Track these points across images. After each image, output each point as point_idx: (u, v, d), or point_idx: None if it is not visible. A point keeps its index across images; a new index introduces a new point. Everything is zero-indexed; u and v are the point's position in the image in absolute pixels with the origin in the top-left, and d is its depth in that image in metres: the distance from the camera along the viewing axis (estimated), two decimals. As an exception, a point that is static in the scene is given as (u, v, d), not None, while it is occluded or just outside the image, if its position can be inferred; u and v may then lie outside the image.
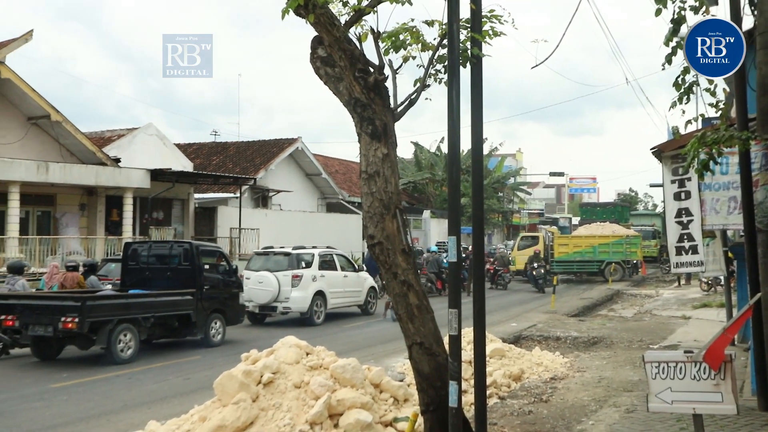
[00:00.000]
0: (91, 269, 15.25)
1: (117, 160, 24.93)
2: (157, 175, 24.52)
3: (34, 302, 12.90)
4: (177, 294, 14.13)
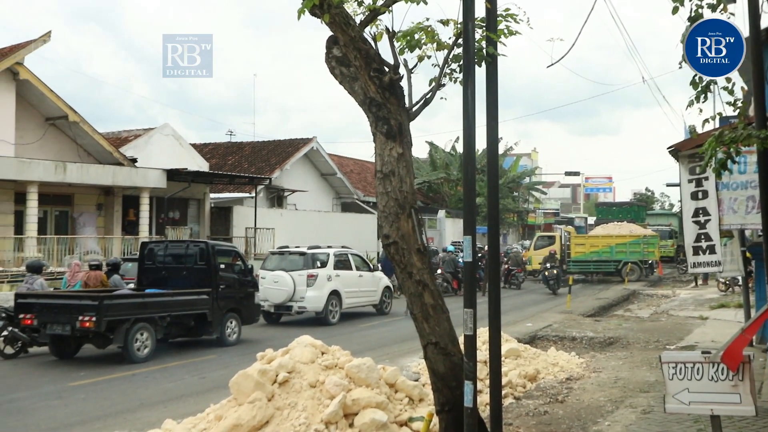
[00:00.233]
0: (114, 268, 15.35)
1: (134, 160, 25.11)
2: (173, 175, 24.66)
3: (52, 301, 13.01)
4: (193, 293, 14.20)
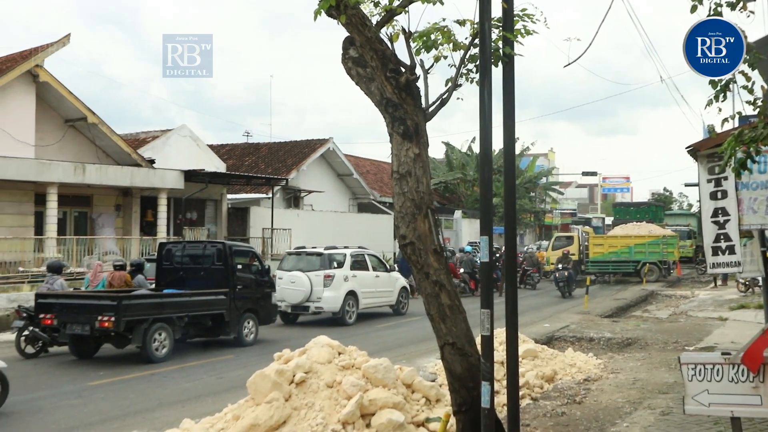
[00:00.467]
0: (138, 268, 15.49)
1: (151, 162, 25.29)
2: (190, 176, 24.81)
3: (72, 301, 13.13)
4: (210, 294, 14.27)
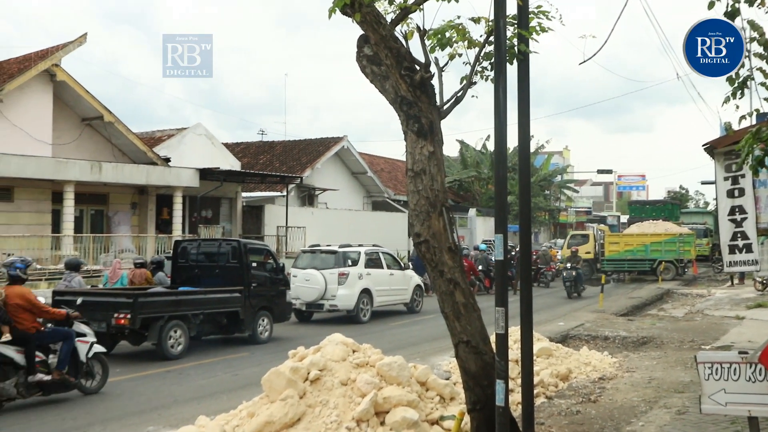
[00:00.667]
0: (158, 266, 15.72)
1: (167, 160, 25.43)
2: (205, 174, 24.92)
3: (88, 298, 13.17)
4: (225, 291, 14.33)
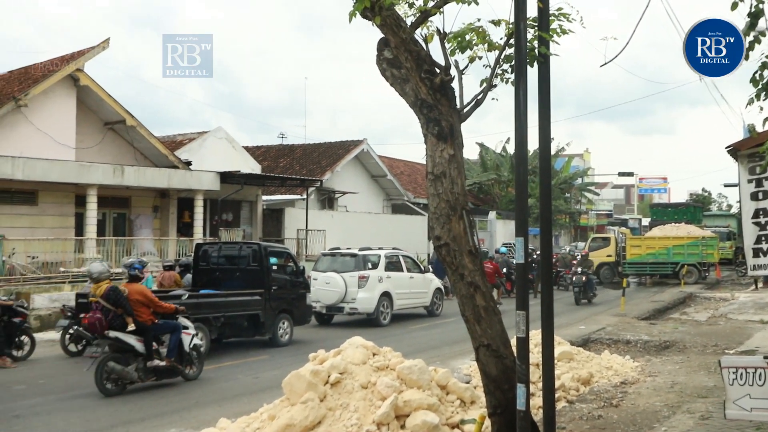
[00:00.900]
0: (186, 269, 16.01)
1: (188, 163, 25.61)
2: (226, 178, 25.05)
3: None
4: (246, 294, 14.38)
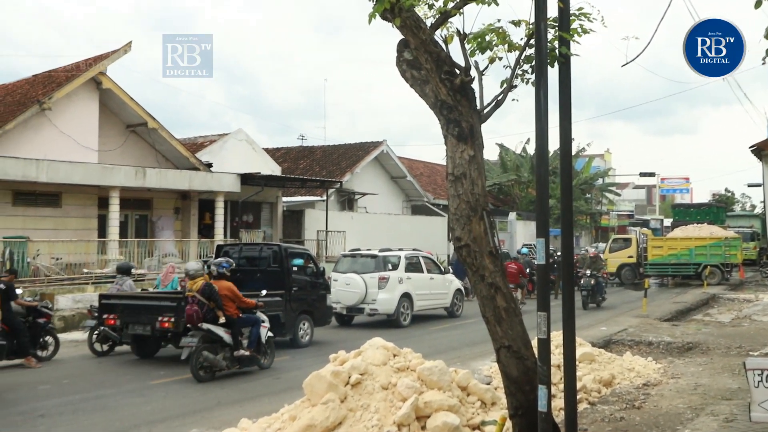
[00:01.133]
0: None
1: (209, 165, 25.77)
2: (246, 179, 25.18)
3: (134, 302, 13.49)
4: (267, 295, 14.40)
